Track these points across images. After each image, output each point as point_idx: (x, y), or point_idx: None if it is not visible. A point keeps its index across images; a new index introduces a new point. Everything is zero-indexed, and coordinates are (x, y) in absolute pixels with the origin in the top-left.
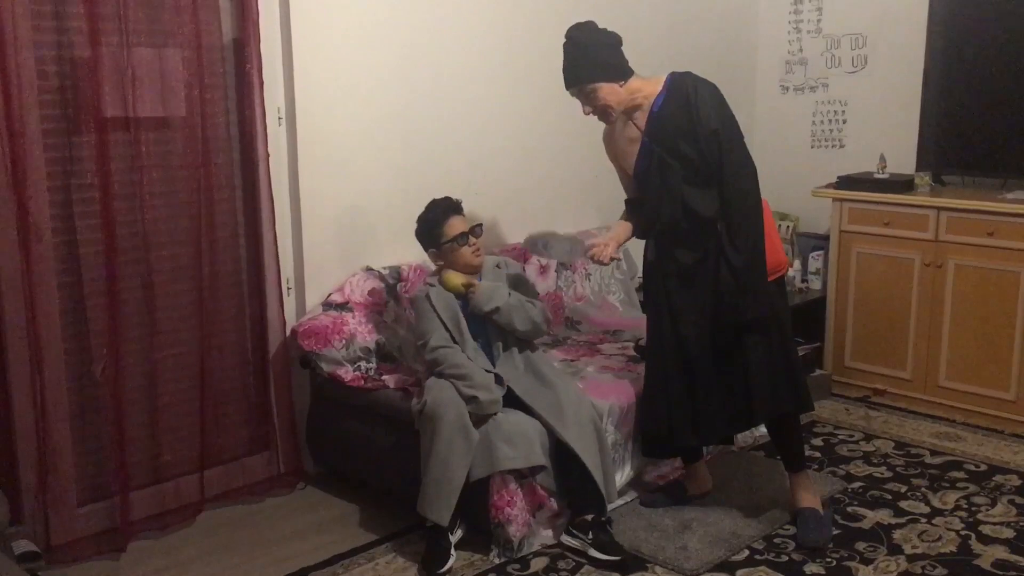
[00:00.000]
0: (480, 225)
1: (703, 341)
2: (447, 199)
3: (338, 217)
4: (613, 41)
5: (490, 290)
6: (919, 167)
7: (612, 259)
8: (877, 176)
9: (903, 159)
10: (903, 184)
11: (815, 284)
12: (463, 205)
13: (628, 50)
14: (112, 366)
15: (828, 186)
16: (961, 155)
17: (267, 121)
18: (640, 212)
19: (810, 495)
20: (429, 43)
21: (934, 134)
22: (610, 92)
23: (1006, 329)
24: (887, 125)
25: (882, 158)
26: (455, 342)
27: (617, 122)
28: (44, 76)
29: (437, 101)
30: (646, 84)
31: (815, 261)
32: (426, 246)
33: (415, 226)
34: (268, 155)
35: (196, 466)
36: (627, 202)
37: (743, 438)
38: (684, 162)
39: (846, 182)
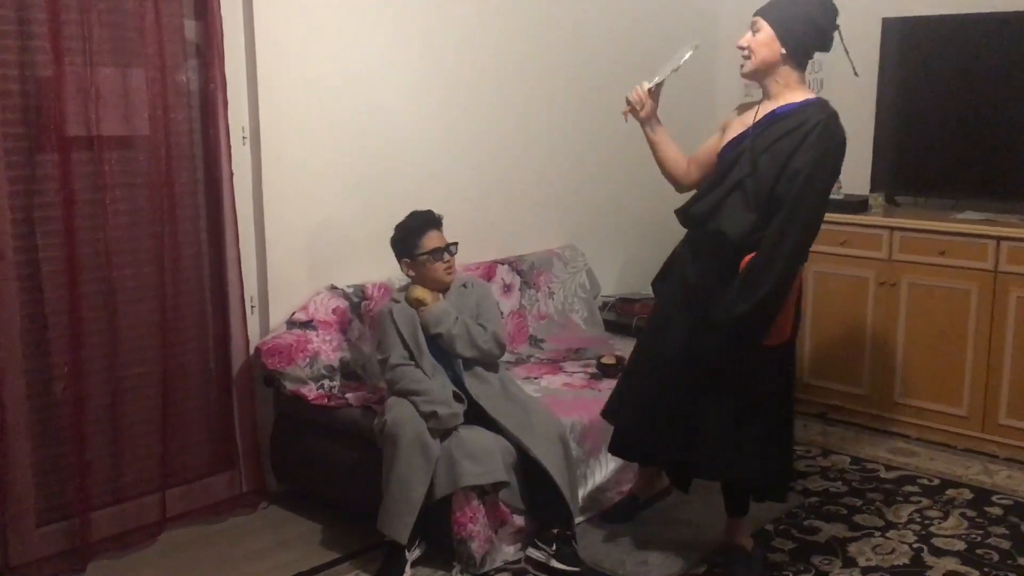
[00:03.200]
0: (456, 244)
1: (686, 363)
2: (429, 212)
3: (302, 235)
4: (818, 26)
5: (438, 313)
6: (873, 188)
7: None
8: (833, 196)
9: (858, 180)
10: (858, 205)
11: None
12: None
13: (592, 68)
14: (73, 385)
15: None
16: (913, 177)
17: (231, 140)
18: (690, 199)
19: (744, 535)
20: (395, 63)
21: (887, 156)
22: (769, 44)
23: (958, 346)
24: None
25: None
26: (413, 359)
27: (751, 102)
28: (7, 95)
29: (402, 120)
30: (797, 87)
31: None
32: (399, 255)
33: (381, 245)
34: (232, 174)
35: (158, 485)
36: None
37: None
38: (752, 175)
39: None
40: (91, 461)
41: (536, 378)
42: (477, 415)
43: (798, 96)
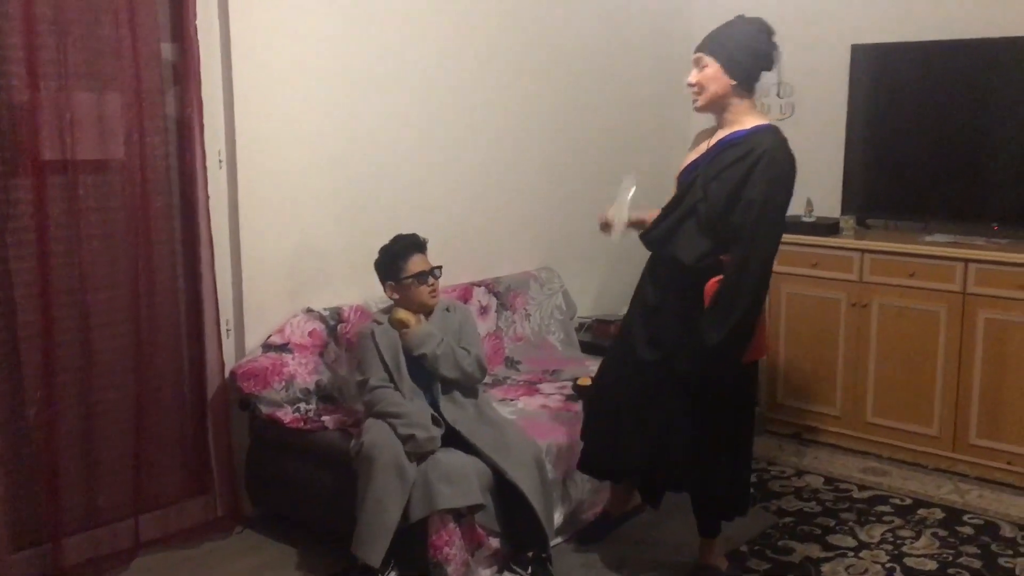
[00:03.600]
0: (440, 267)
1: (652, 382)
2: (414, 235)
3: (279, 258)
4: (760, 51)
5: (422, 335)
6: (844, 211)
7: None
8: (804, 219)
9: (829, 203)
10: (829, 227)
11: None
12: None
13: (569, 97)
14: (46, 410)
15: None
16: (883, 199)
17: (207, 164)
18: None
19: (717, 555)
20: (371, 86)
21: (858, 179)
22: (716, 78)
23: (928, 367)
24: (813, 170)
25: (809, 202)
26: (393, 381)
27: (706, 131)
28: None
29: (378, 144)
30: (747, 114)
31: None
32: (384, 278)
33: (357, 268)
34: (208, 197)
35: (131, 510)
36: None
37: None
38: (703, 201)
39: None
40: (64, 486)
41: (513, 400)
42: (453, 438)
43: (749, 122)
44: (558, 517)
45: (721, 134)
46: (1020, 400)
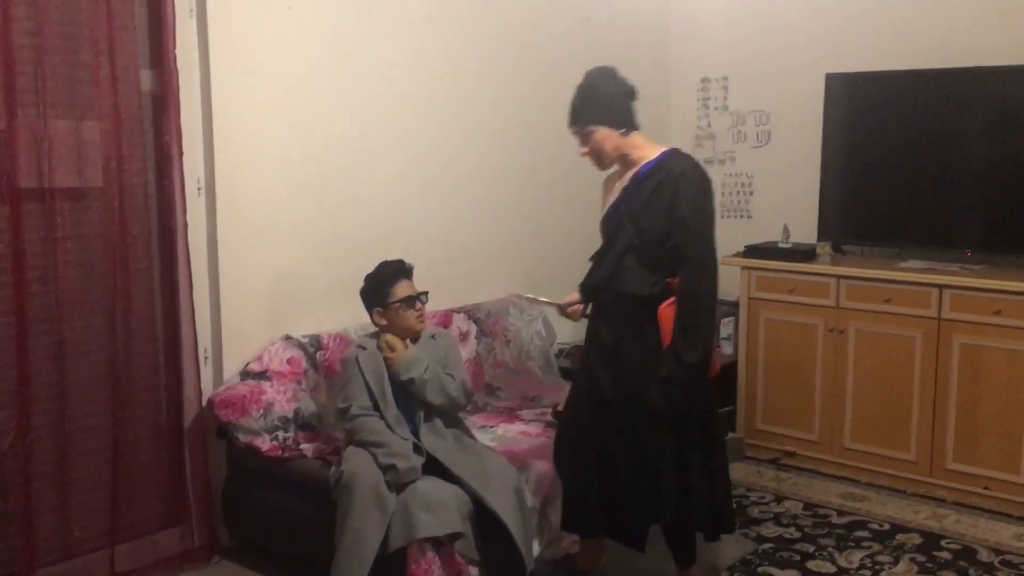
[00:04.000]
0: (427, 292)
1: (595, 421)
2: (400, 261)
3: (257, 286)
4: (626, 90)
5: (410, 360)
6: (820, 237)
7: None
8: (781, 246)
9: (805, 229)
10: (805, 253)
11: (727, 349)
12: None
13: (548, 125)
14: (20, 439)
15: (737, 255)
16: (859, 226)
17: (186, 191)
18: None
19: None
20: (351, 115)
21: (833, 206)
22: (606, 137)
23: (905, 392)
24: (790, 197)
25: (786, 228)
26: (377, 408)
27: (615, 172)
28: None
29: (357, 172)
30: (646, 146)
31: (726, 327)
32: (370, 305)
33: (337, 295)
34: (187, 225)
35: (107, 541)
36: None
37: None
38: (637, 234)
39: (753, 251)
40: (39, 516)
41: (492, 426)
42: (433, 466)
43: (652, 152)
44: (537, 547)
45: (632, 171)
46: (996, 425)
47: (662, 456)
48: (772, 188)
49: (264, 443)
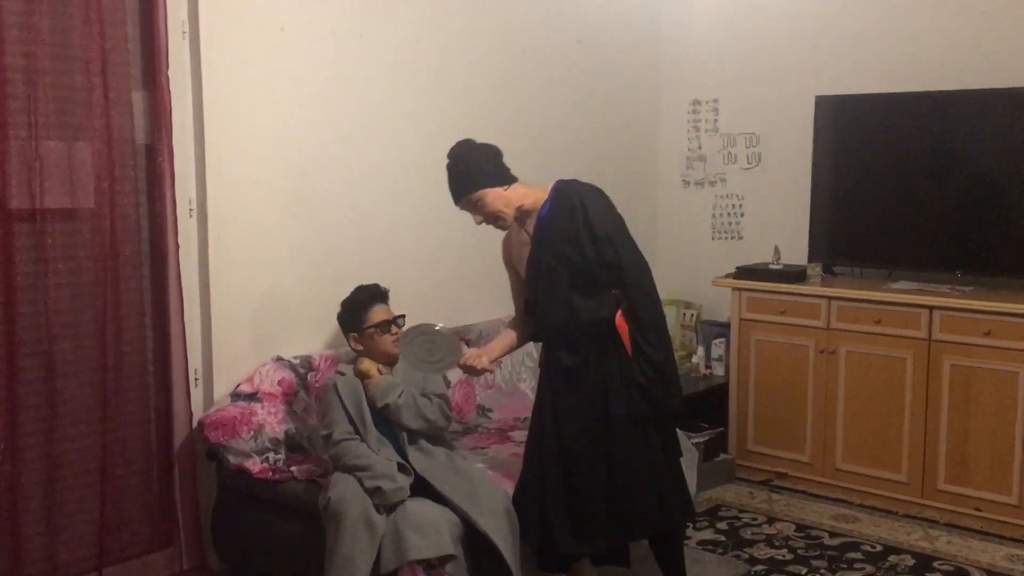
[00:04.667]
0: (403, 316)
1: (585, 442)
2: (375, 286)
3: (248, 307)
4: (492, 151)
5: (385, 387)
6: (811, 258)
7: (484, 370)
8: (772, 267)
9: (796, 250)
10: (796, 274)
11: (718, 370)
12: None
13: (540, 148)
14: (8, 461)
15: (728, 276)
16: (849, 247)
17: (177, 212)
18: (532, 316)
19: None
20: (343, 137)
21: (824, 227)
22: (496, 197)
23: (896, 413)
24: (781, 218)
25: (776, 250)
26: (358, 432)
27: (512, 227)
28: None
29: (349, 194)
30: (532, 191)
31: (718, 348)
32: (347, 330)
33: (328, 316)
34: (178, 246)
35: (94, 564)
36: (524, 303)
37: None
38: (569, 267)
39: (744, 272)
40: (26, 539)
41: (484, 448)
42: (423, 487)
43: (539, 194)
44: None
45: (532, 218)
46: (987, 446)
47: (639, 465)
48: (763, 209)
49: (254, 465)
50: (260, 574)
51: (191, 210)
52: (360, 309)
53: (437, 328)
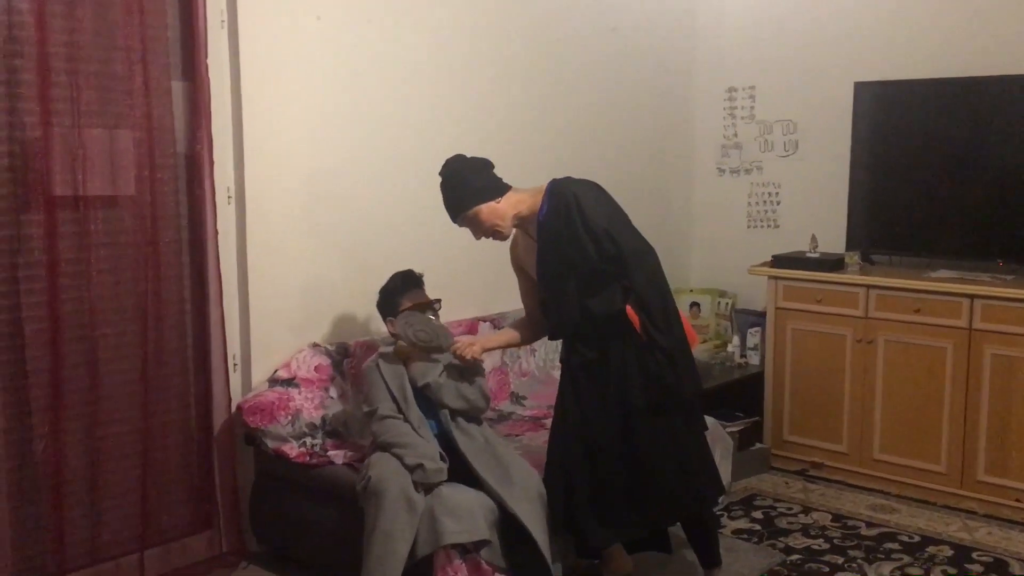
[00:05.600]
0: (439, 300)
1: (609, 433)
2: (410, 271)
3: (286, 293)
4: (480, 165)
5: (424, 367)
6: (849, 247)
7: (474, 359)
8: (809, 255)
9: (834, 239)
10: (834, 263)
11: (754, 359)
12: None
13: (574, 137)
14: (53, 444)
15: (763, 265)
16: (888, 235)
17: (216, 200)
18: (548, 317)
19: None
20: (378, 124)
21: (862, 215)
22: (491, 212)
23: (935, 403)
24: (818, 206)
25: (813, 238)
26: (401, 411)
27: (517, 234)
28: None
29: (385, 181)
30: (527, 195)
31: (753, 337)
32: (385, 315)
33: (364, 303)
34: (217, 233)
35: (136, 546)
36: (540, 304)
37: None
38: (575, 268)
39: (780, 261)
40: (69, 521)
41: (518, 435)
42: (458, 471)
43: (534, 198)
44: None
45: (532, 224)
46: None
47: (666, 451)
48: (799, 197)
49: (292, 449)
50: (297, 557)
51: (229, 197)
52: (395, 294)
53: (427, 315)
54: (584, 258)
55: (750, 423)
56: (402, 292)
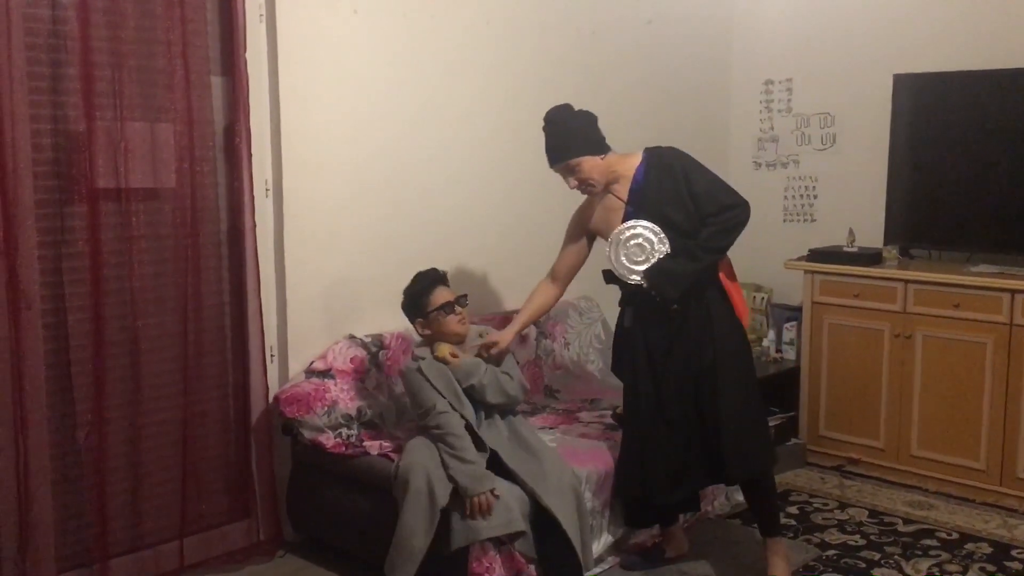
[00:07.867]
0: (465, 295)
1: (684, 400)
2: (433, 270)
3: (322, 286)
4: (591, 119)
5: (469, 366)
6: (887, 241)
7: (500, 354)
8: (847, 249)
9: (871, 233)
10: (871, 257)
11: (789, 354)
12: (448, 278)
13: (609, 129)
14: (95, 432)
15: (800, 259)
16: (927, 230)
17: (254, 193)
18: (616, 280)
19: (782, 563)
20: (415, 119)
21: (901, 209)
22: (592, 166)
23: (974, 399)
24: (856, 200)
25: (851, 232)
26: (454, 409)
27: (590, 201)
28: (39, 149)
29: (420, 175)
30: (624, 159)
31: (789, 331)
32: (412, 317)
33: (398, 296)
34: (255, 226)
35: (176, 533)
36: (603, 272)
37: (720, 505)
38: (670, 226)
39: (817, 255)
40: (111, 508)
41: (551, 428)
42: (491, 463)
43: (633, 160)
44: (597, 547)
45: (624, 185)
46: None
47: (728, 410)
48: (837, 191)
49: (328, 440)
50: (333, 546)
51: (267, 190)
52: (421, 294)
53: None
54: (684, 217)
55: (786, 418)
56: (428, 291)
